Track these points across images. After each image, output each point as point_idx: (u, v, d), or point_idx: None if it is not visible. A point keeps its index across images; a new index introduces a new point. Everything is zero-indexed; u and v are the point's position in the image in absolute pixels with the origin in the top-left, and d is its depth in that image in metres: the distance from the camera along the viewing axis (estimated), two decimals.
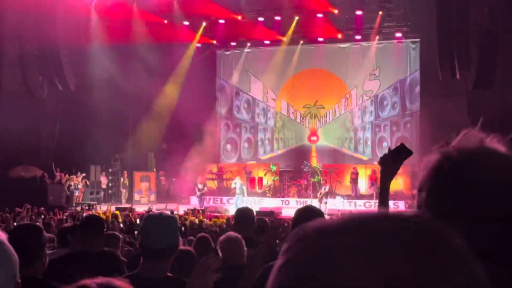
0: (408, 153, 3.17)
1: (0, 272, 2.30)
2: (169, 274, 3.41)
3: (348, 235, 0.71)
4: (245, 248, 4.95)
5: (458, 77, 25.13)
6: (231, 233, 5.20)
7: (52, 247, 7.79)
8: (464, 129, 1.28)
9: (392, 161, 3.13)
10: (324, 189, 26.90)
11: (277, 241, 9.97)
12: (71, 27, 27.40)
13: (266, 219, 8.57)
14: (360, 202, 27.11)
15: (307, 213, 3.95)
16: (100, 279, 1.62)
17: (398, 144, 3.27)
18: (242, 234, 5.62)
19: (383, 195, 3.09)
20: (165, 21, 29.77)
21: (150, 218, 3.56)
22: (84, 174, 28.61)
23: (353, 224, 0.74)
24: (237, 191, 27.35)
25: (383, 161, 3.14)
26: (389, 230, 0.71)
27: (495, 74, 23.66)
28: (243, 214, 6.18)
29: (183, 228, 13.29)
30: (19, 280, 2.40)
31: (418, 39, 28.66)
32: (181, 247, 5.06)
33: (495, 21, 23.34)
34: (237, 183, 27.61)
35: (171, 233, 3.42)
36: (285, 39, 30.31)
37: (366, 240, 0.70)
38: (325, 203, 26.26)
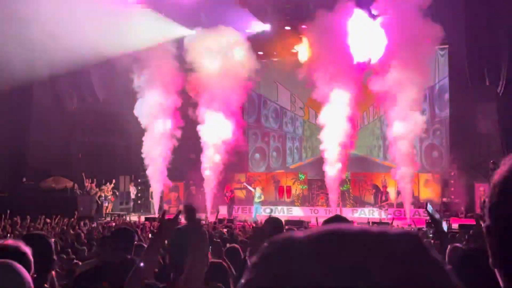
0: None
1: None
2: None
3: (312, 260, 0.70)
4: None
5: (487, 84, 24.86)
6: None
7: (82, 258, 7.84)
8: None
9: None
10: (385, 197, 26.88)
11: None
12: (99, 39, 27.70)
13: (295, 228, 8.52)
14: (390, 211, 26.93)
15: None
16: None
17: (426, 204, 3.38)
18: None
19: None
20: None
21: (176, 234, 3.53)
22: (113, 185, 28.74)
23: (320, 246, 0.72)
24: (256, 200, 27.37)
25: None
26: (358, 256, 0.69)
27: None
28: (272, 224, 6.14)
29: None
30: None
31: (446, 46, 28.39)
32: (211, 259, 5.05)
33: None
34: (257, 191, 27.67)
35: (201, 246, 3.38)
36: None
37: (331, 267, 0.68)
38: (386, 210, 26.26)
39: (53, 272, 4.05)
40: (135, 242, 5.54)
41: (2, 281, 2.30)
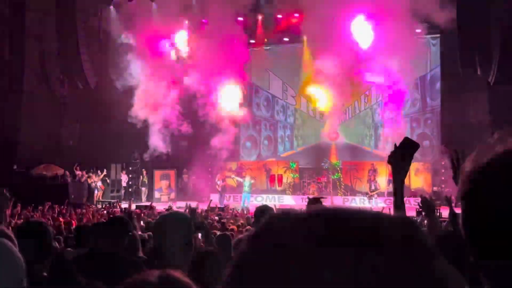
0: (415, 146, 3.05)
1: (4, 277, 2.28)
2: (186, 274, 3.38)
3: (305, 237, 0.70)
4: None
5: (479, 73, 24.91)
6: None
7: (72, 246, 7.82)
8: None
9: (401, 158, 3.01)
10: (375, 186, 26.95)
11: None
12: (92, 25, 27.62)
13: None
14: (380, 199, 27.01)
15: None
16: (160, 272, 1.61)
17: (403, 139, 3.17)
18: None
19: (399, 196, 2.97)
20: (186, 21, 29.65)
21: (161, 219, 3.56)
22: (105, 173, 28.74)
23: (315, 224, 0.71)
24: (246, 189, 27.35)
25: (392, 159, 3.02)
26: (351, 237, 0.69)
27: None
28: (264, 212, 6.15)
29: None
30: (25, 284, 2.38)
31: (438, 35, 28.42)
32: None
33: None
34: (247, 180, 27.66)
35: (181, 231, 3.40)
36: (304, 37, 30.03)
37: (322, 246, 0.68)
38: (375, 198, 26.34)
39: None
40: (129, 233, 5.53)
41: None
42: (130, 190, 30.92)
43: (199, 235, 8.21)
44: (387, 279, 0.66)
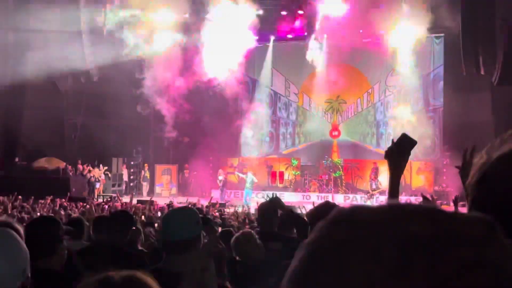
0: (412, 143, 3.04)
1: (6, 266, 2.28)
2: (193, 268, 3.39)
3: (377, 229, 0.68)
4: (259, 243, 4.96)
5: (482, 73, 24.85)
6: (244, 231, 5.23)
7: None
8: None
9: (397, 154, 3.00)
10: (376, 185, 26.89)
11: None
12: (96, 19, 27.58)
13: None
14: (382, 198, 26.99)
15: (326, 210, 3.87)
16: (124, 272, 1.61)
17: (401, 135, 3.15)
18: (266, 228, 5.58)
19: (393, 192, 2.96)
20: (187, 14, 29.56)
21: (169, 212, 3.58)
22: (106, 167, 28.76)
23: (388, 217, 0.70)
24: (248, 185, 27.35)
25: (388, 155, 3.01)
26: (426, 233, 0.67)
27: None
28: (267, 208, 6.13)
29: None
30: (28, 274, 2.39)
31: (442, 34, 28.36)
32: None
33: None
34: (249, 177, 27.64)
35: (190, 225, 3.41)
36: (307, 33, 30.01)
37: (396, 239, 0.66)
38: (377, 198, 26.28)
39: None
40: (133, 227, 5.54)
41: (2, 245, 2.31)
42: (131, 184, 30.93)
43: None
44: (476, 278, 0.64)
